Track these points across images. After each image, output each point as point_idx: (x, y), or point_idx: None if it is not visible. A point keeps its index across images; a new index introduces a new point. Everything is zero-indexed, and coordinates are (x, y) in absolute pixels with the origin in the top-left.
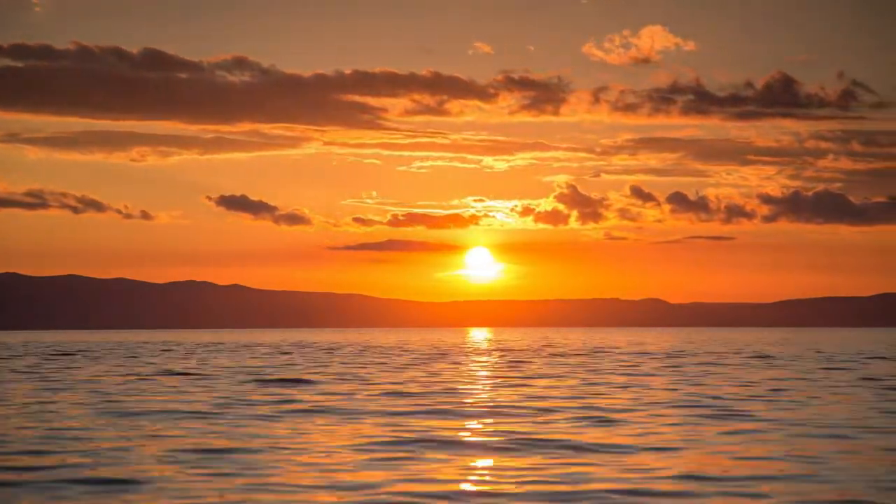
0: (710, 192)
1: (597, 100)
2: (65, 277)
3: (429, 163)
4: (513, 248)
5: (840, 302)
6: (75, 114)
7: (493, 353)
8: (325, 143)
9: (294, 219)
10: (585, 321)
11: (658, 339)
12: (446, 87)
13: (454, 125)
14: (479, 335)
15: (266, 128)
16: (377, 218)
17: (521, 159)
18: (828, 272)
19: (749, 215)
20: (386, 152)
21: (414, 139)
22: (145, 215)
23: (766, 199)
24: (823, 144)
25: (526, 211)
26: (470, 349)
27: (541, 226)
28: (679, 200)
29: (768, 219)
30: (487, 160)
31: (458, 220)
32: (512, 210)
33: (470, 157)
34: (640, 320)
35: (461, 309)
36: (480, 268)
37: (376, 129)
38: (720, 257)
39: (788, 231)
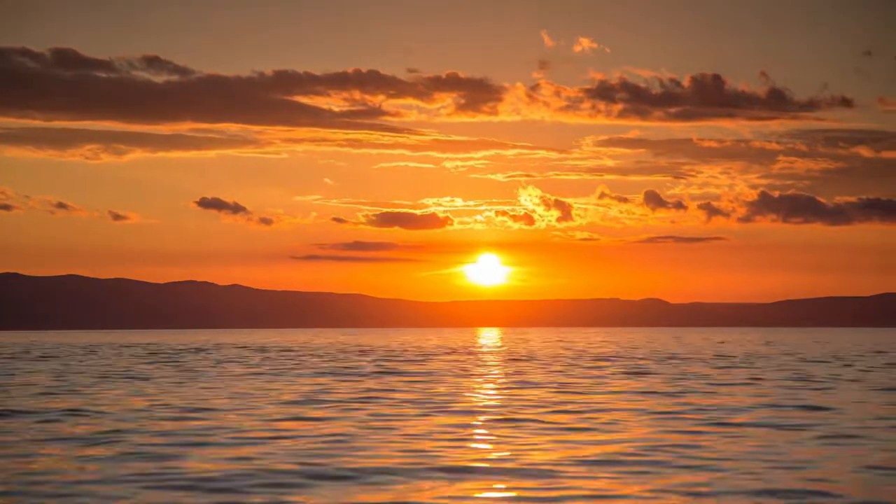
0: (682, 192)
1: (534, 99)
2: (65, 277)
3: (394, 163)
4: (508, 248)
5: (840, 302)
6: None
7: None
8: (287, 142)
9: (266, 220)
10: (585, 321)
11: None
12: (381, 85)
13: (402, 125)
14: (512, 335)
15: (212, 127)
16: (352, 218)
17: (480, 159)
18: (828, 272)
19: (728, 214)
20: (345, 150)
21: (371, 138)
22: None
23: (749, 200)
24: (776, 145)
25: (504, 213)
26: (583, 355)
27: (532, 227)
28: (654, 199)
29: (745, 219)
30: (447, 158)
31: (433, 221)
32: (496, 213)
33: (435, 155)
34: (640, 320)
35: (462, 309)
36: (480, 268)
37: (331, 128)
38: (708, 257)
39: (785, 231)
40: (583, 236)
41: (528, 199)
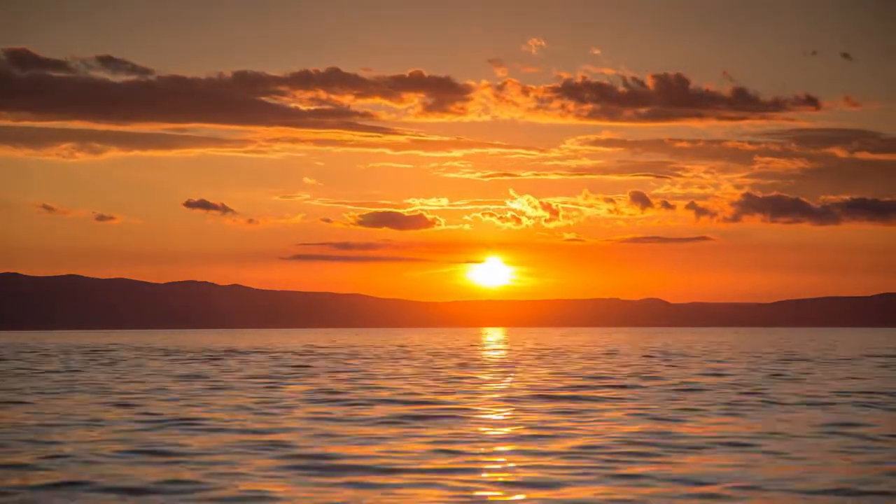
0: (667, 191)
1: (501, 99)
2: (65, 277)
3: (376, 163)
4: (500, 248)
5: (840, 302)
6: None
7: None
8: (263, 142)
9: (253, 219)
10: (585, 321)
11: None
12: (346, 84)
13: (375, 125)
14: (518, 335)
15: (185, 126)
16: (339, 218)
17: (460, 159)
18: (824, 272)
19: (715, 214)
20: (325, 149)
21: (349, 138)
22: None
23: (734, 200)
24: (749, 146)
25: (490, 213)
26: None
27: (520, 227)
28: (641, 199)
29: (732, 219)
30: (427, 158)
31: (421, 221)
32: (483, 214)
33: (415, 154)
34: (640, 320)
35: (462, 309)
36: (482, 268)
37: (303, 128)
38: (701, 257)
39: (774, 230)
40: (570, 236)
41: (515, 199)
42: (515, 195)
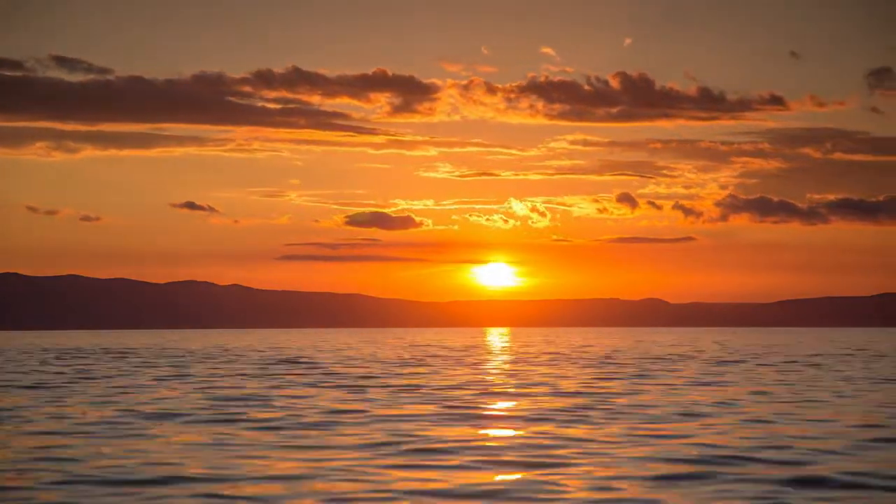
0: (652, 191)
1: (469, 98)
2: (65, 277)
3: (362, 164)
4: (490, 248)
5: (840, 301)
6: None
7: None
8: (239, 142)
9: (238, 219)
10: (585, 321)
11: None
12: (310, 84)
13: (349, 125)
14: (530, 336)
15: (162, 126)
16: (327, 218)
17: (437, 157)
18: (821, 272)
19: (701, 214)
20: (304, 148)
21: (325, 137)
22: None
23: (720, 199)
24: (722, 146)
25: (476, 212)
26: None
27: (508, 226)
28: (628, 199)
29: (720, 218)
30: (406, 158)
31: (410, 221)
32: (470, 214)
33: (394, 153)
34: (640, 320)
35: (463, 309)
36: (480, 269)
37: (273, 128)
38: (692, 257)
39: (763, 230)
40: (557, 236)
41: (504, 200)
42: (502, 195)
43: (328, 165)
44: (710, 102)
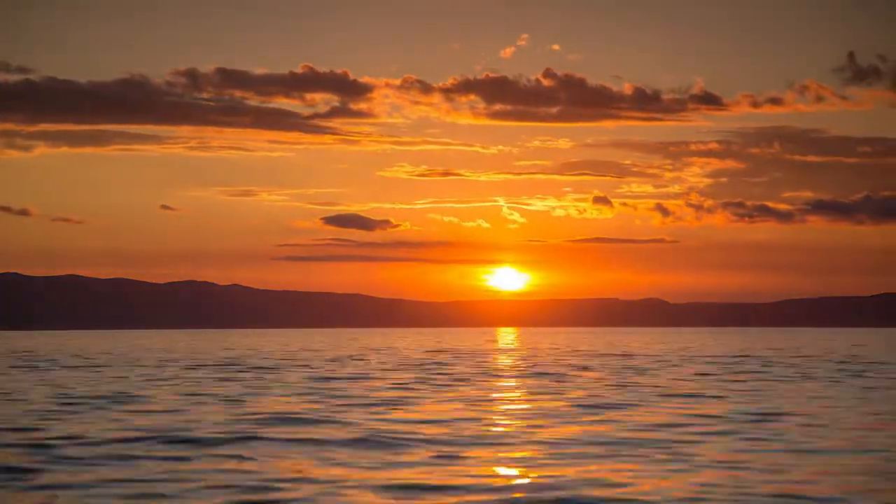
0: (625, 191)
1: (408, 99)
2: (65, 277)
3: (329, 164)
4: (502, 248)
5: (840, 301)
6: None
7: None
8: (203, 139)
9: (215, 219)
10: (585, 321)
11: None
12: (241, 84)
13: (297, 125)
14: (540, 337)
15: (109, 128)
16: (307, 219)
17: (393, 155)
18: (818, 272)
19: (674, 213)
20: (259, 145)
21: (280, 137)
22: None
23: (694, 201)
24: (672, 147)
25: (452, 212)
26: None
27: (489, 226)
28: (602, 200)
29: (697, 218)
30: (366, 158)
31: (387, 222)
32: (444, 214)
33: (353, 150)
34: (640, 320)
35: (463, 309)
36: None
37: (216, 126)
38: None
39: (738, 230)
40: (540, 236)
41: (478, 200)
42: (473, 195)
43: (295, 165)
44: (647, 103)
